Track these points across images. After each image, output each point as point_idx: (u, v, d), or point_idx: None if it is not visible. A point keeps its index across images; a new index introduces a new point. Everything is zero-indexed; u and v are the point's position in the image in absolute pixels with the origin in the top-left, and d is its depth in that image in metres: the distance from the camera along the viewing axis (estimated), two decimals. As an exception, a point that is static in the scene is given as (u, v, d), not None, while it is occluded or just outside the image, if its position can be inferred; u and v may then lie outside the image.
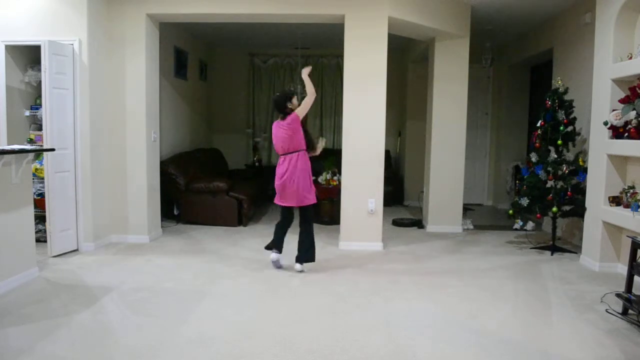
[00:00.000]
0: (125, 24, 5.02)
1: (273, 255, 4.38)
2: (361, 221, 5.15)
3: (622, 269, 4.19)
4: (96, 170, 4.93)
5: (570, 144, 4.98)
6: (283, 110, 4.17)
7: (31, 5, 4.64)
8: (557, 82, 5.10)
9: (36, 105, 5.03)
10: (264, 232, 5.72)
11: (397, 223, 6.41)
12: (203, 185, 6.10)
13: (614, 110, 4.20)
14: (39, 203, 4.68)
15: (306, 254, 4.28)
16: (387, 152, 6.11)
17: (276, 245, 4.41)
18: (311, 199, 4.24)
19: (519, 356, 2.77)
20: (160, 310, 3.36)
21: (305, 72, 4.28)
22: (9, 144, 4.47)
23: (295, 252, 4.32)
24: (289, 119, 4.12)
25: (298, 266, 4.29)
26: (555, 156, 4.92)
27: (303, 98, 4.21)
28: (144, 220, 5.22)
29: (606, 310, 3.42)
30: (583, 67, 5.23)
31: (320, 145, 4.41)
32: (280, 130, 4.16)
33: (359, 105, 5.08)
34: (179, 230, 5.88)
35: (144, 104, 5.10)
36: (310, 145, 4.27)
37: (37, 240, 4.31)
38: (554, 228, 5.09)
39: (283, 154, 4.20)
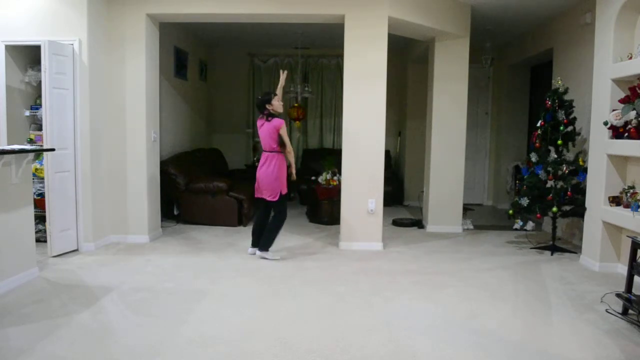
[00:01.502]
0: (125, 24, 5.02)
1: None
2: (361, 221, 5.15)
3: (622, 269, 4.19)
4: (96, 170, 4.93)
5: (570, 144, 4.98)
6: (262, 110, 4.55)
7: (31, 5, 4.64)
8: (557, 82, 5.10)
9: (36, 105, 5.03)
10: (264, 232, 5.72)
11: (397, 223, 6.41)
12: (203, 185, 6.10)
13: (614, 110, 4.20)
14: (39, 203, 4.67)
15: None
16: (387, 152, 6.11)
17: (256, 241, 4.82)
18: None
19: (519, 356, 2.77)
20: (160, 310, 3.36)
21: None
22: (9, 144, 4.47)
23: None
24: (275, 123, 4.48)
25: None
26: (555, 156, 4.92)
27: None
28: (144, 220, 5.22)
29: (606, 310, 3.42)
30: (583, 67, 5.23)
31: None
32: (264, 129, 4.54)
33: (359, 105, 5.08)
34: (179, 230, 5.88)
35: (144, 104, 5.10)
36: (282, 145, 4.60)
37: (37, 240, 4.31)
38: (554, 228, 5.09)
39: (265, 151, 4.60)
